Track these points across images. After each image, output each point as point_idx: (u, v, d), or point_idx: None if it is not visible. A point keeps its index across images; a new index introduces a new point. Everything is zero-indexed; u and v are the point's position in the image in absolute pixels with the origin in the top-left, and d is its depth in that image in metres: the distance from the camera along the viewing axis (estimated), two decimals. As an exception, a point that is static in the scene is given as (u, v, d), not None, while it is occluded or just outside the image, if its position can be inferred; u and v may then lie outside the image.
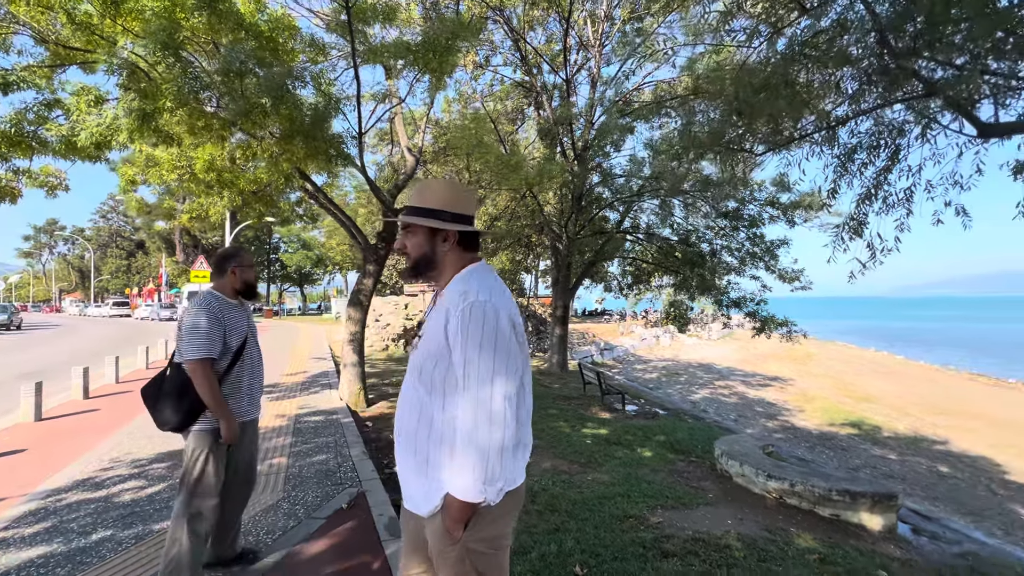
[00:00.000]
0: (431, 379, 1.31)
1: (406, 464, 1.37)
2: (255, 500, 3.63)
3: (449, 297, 1.33)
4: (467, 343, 1.23)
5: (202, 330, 2.35)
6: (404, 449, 1.38)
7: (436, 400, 1.31)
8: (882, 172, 4.31)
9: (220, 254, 2.65)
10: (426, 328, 1.37)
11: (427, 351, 1.32)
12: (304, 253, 46.81)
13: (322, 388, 8.46)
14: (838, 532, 4.18)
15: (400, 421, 1.41)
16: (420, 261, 1.39)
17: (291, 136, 5.25)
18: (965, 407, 16.98)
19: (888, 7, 3.37)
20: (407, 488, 1.39)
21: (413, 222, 1.39)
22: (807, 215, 11.74)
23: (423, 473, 1.32)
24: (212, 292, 2.52)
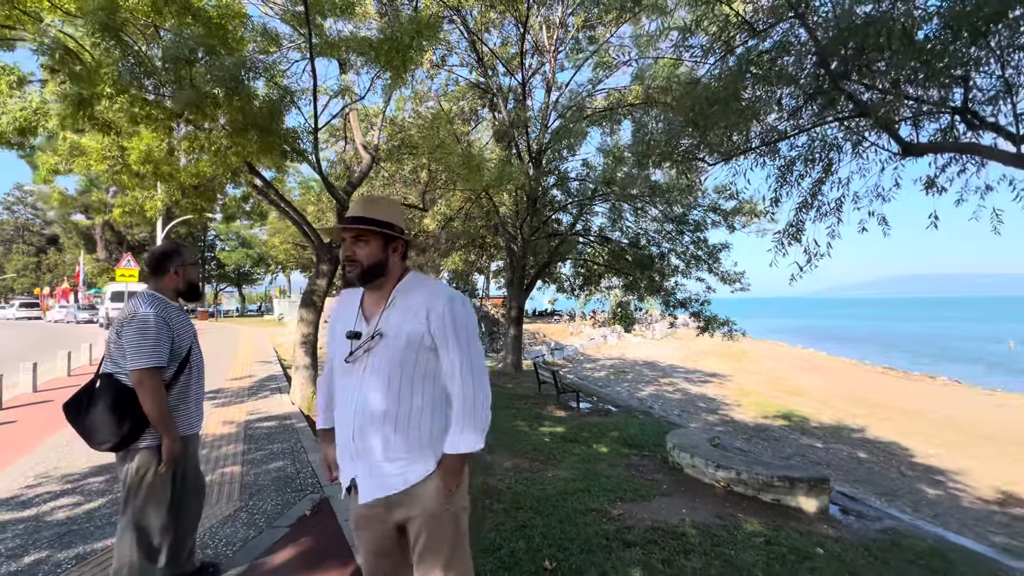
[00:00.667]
0: (414, 369, 1.48)
1: (378, 461, 1.48)
2: (209, 511, 3.45)
3: (418, 298, 1.52)
4: (459, 329, 1.49)
5: (150, 335, 2.13)
6: (377, 447, 1.48)
7: (418, 385, 1.49)
8: (817, 183, 4.71)
9: (160, 252, 2.41)
10: (389, 328, 1.49)
11: (405, 346, 1.47)
12: (244, 251, 44.40)
13: (271, 392, 8.10)
14: (780, 515, 4.52)
15: (365, 416, 1.48)
16: (373, 267, 1.52)
17: (244, 129, 5.01)
18: (879, 398, 18.68)
19: (826, 33, 3.69)
20: (381, 478, 1.48)
21: (376, 231, 1.52)
22: (746, 221, 12.51)
23: (402, 452, 1.48)
24: (153, 294, 2.28)
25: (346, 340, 1.54)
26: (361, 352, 1.50)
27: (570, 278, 16.32)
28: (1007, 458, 11.57)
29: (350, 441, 1.51)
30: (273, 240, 33.47)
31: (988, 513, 8.42)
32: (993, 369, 29.49)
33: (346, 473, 1.55)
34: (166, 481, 2.27)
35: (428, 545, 1.51)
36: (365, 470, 1.50)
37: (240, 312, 50.72)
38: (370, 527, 1.55)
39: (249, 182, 7.81)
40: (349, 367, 1.52)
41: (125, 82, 4.19)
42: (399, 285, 1.56)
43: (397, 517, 1.52)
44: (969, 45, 3.37)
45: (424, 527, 1.50)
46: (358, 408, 1.49)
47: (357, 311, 1.58)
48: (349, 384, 1.53)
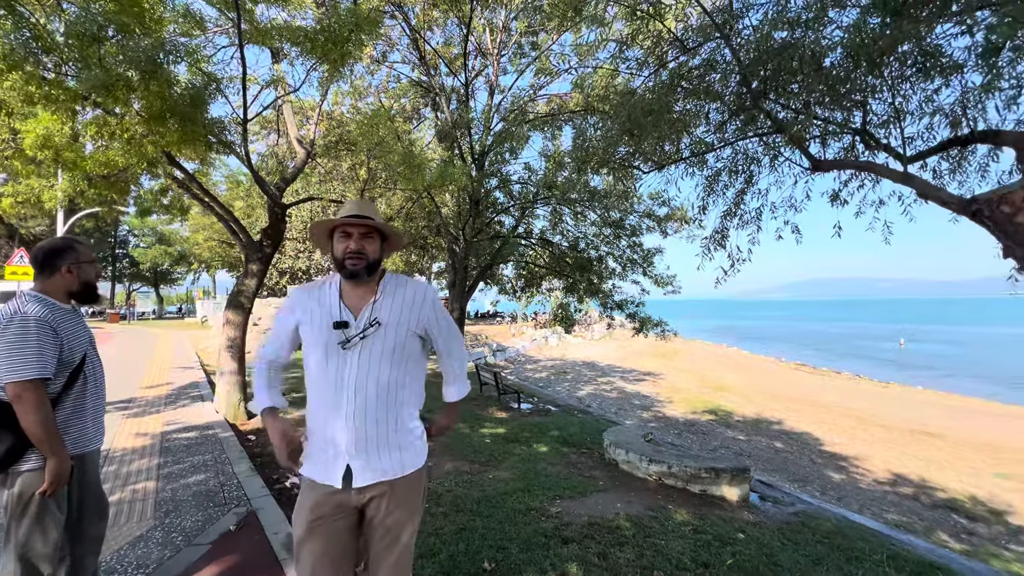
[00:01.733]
0: (410, 352, 1.68)
1: (381, 443, 1.61)
2: (117, 532, 3.16)
3: (408, 292, 1.73)
4: (446, 317, 1.80)
5: (31, 342, 1.86)
6: (380, 428, 1.61)
7: (411, 367, 1.69)
8: (740, 193, 5.05)
9: (48, 248, 2.11)
10: (386, 317, 1.65)
11: (405, 333, 1.66)
12: (161, 248, 40.89)
13: (192, 401, 7.53)
14: (706, 505, 4.80)
15: (372, 406, 1.59)
16: (375, 264, 1.68)
17: (162, 116, 4.63)
18: (793, 392, 20.33)
19: (747, 55, 3.98)
20: (374, 463, 1.60)
21: (390, 232, 1.73)
22: (678, 227, 13.18)
23: (405, 437, 1.67)
24: (38, 295, 2.01)
25: (331, 330, 1.62)
26: (358, 339, 1.61)
27: (512, 280, 16.47)
28: (898, 444, 12.97)
29: (343, 425, 1.57)
30: (196, 237, 31.05)
31: (883, 493, 9.40)
32: (888, 365, 32.96)
33: (335, 462, 1.59)
34: (60, 503, 2.02)
35: (403, 520, 1.64)
36: (364, 453, 1.59)
37: (158, 314, 46.71)
38: (331, 512, 1.59)
39: (168, 174, 7.22)
40: (343, 355, 1.60)
41: (19, 57, 3.74)
42: (386, 279, 1.73)
43: (369, 496, 1.61)
44: (867, 74, 3.76)
45: (404, 505, 1.64)
46: (359, 392, 1.58)
47: (338, 303, 1.67)
48: (341, 371, 1.59)
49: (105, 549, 2.92)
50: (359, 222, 1.64)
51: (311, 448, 1.64)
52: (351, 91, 13.85)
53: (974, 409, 18.11)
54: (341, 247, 1.64)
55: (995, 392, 21.88)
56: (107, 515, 2.38)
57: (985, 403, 19.32)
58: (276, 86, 7.43)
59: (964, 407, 18.46)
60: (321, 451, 1.61)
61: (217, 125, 5.37)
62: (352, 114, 12.71)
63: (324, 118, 10.40)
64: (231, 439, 5.45)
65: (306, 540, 1.59)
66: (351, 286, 1.70)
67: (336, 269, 1.70)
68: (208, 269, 41.46)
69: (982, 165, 3.80)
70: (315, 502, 1.59)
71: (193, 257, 39.14)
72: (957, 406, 18.62)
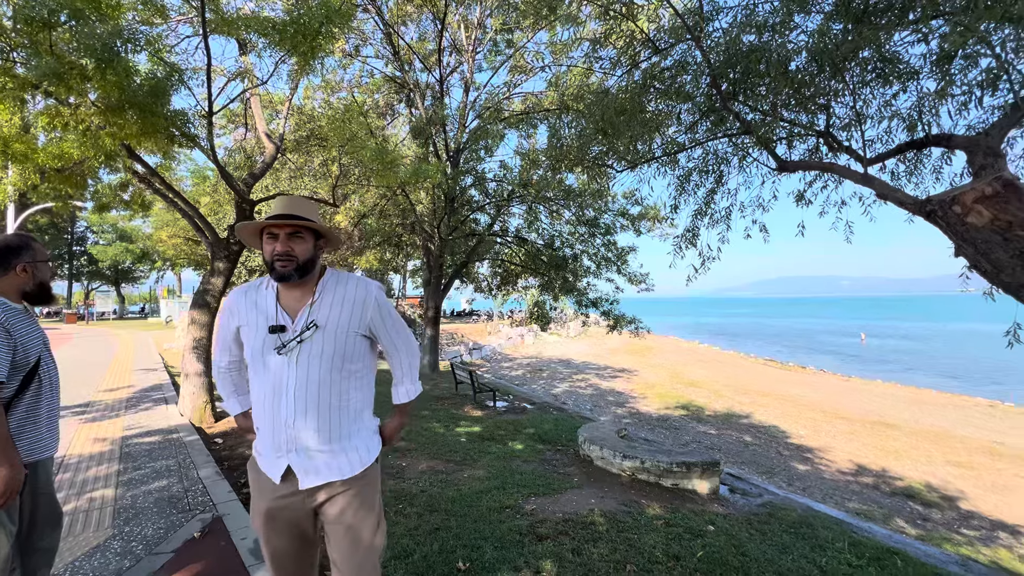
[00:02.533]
0: (353, 354, 1.62)
1: (322, 447, 1.57)
2: (72, 542, 3.02)
3: (349, 291, 1.66)
4: (391, 314, 1.73)
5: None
6: (321, 432, 1.56)
7: (355, 368, 1.63)
8: (710, 193, 5.15)
9: (2, 245, 2.03)
10: (323, 319, 1.60)
11: (345, 334, 1.60)
12: (123, 246, 39.25)
13: (155, 404, 7.25)
14: (678, 498, 4.89)
15: (312, 410, 1.56)
16: (308, 264, 1.61)
17: (120, 107, 4.42)
18: (762, 387, 20.92)
19: (717, 57, 4.06)
20: (319, 466, 1.56)
21: (311, 228, 1.62)
22: (651, 226, 13.39)
23: (348, 439, 1.61)
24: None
25: (267, 334, 1.58)
26: (294, 343, 1.56)
27: (487, 278, 16.44)
28: (859, 435, 13.50)
29: (282, 429, 1.55)
30: (160, 234, 29.85)
31: (845, 483, 9.77)
32: (850, 359, 34.26)
33: (277, 462, 1.58)
34: (12, 514, 1.92)
35: (360, 521, 1.60)
36: (305, 456, 1.56)
37: (119, 314, 44.86)
38: (283, 516, 1.60)
39: (128, 168, 6.93)
40: (280, 359, 1.56)
41: (-40, 42, 3.52)
42: (325, 278, 1.67)
43: (319, 500, 1.59)
44: (830, 78, 3.88)
45: (356, 506, 1.60)
46: (296, 396, 1.55)
47: (275, 306, 1.62)
48: (278, 377, 1.56)
49: (59, 561, 2.80)
50: (284, 222, 1.56)
51: (258, 443, 1.65)
52: (323, 85, 13.57)
53: (929, 400, 19.01)
54: (269, 248, 1.59)
55: (948, 384, 23.02)
56: (61, 525, 2.26)
57: (939, 394, 20.29)
58: (243, 78, 7.21)
59: (920, 399, 19.36)
60: (266, 449, 1.61)
61: (180, 117, 5.16)
62: (324, 109, 12.44)
63: (294, 112, 10.14)
64: (196, 442, 5.27)
65: (264, 544, 1.66)
66: (287, 288, 1.64)
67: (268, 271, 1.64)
68: (173, 267, 40.03)
69: (936, 168, 3.97)
70: (266, 508, 1.60)
71: (157, 255, 37.70)
72: (913, 398, 19.50)
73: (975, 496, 9.14)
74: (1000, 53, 2.96)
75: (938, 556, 4.62)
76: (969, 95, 3.31)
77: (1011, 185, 2.04)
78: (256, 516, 1.64)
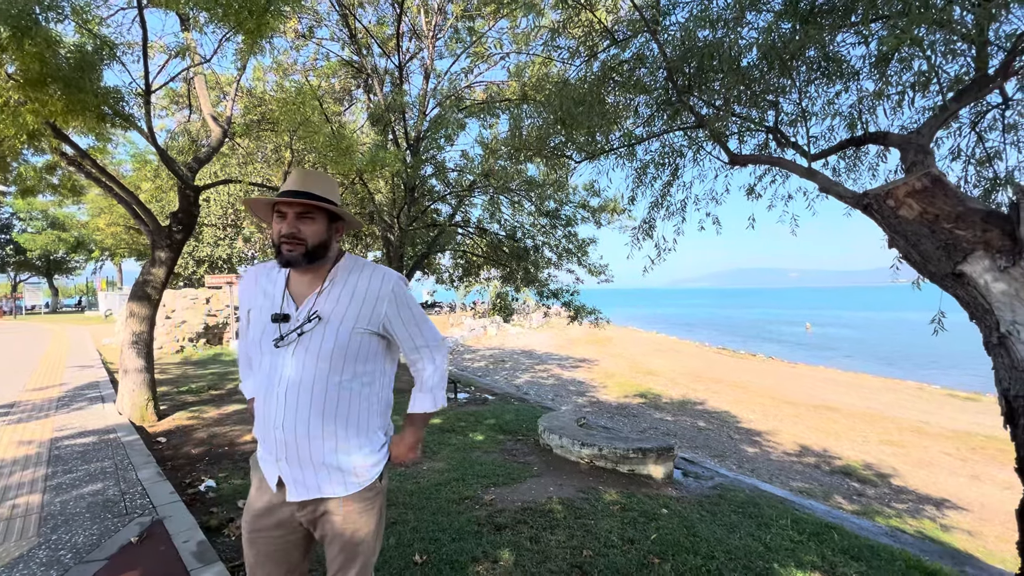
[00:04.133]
0: (357, 352, 1.43)
1: (314, 456, 1.40)
2: (-9, 554, 2.78)
3: (363, 280, 1.47)
4: (410, 308, 1.51)
5: None
6: (314, 440, 1.39)
7: (361, 369, 1.44)
8: (666, 185, 5.25)
9: None
10: (329, 311, 1.42)
11: (350, 329, 1.41)
12: (54, 234, 36.46)
13: (91, 403, 6.79)
14: (634, 484, 5.02)
15: (303, 414, 1.39)
16: (319, 247, 1.44)
17: (42, 81, 4.05)
18: (715, 374, 21.78)
19: (674, 51, 4.12)
20: (308, 478, 1.41)
21: (324, 208, 1.44)
22: (611, 218, 13.59)
23: (345, 453, 1.42)
24: None
25: (269, 323, 1.44)
26: (294, 336, 1.40)
27: (449, 269, 16.27)
28: (803, 418, 14.29)
29: (271, 431, 1.40)
30: (97, 221, 27.84)
31: (790, 463, 10.32)
32: (796, 347, 36.14)
33: (271, 468, 1.44)
34: None
35: (355, 541, 1.45)
36: (296, 465, 1.40)
37: (52, 308, 41.80)
38: (273, 526, 1.46)
39: (55, 148, 6.40)
40: (277, 351, 1.42)
41: None
42: (340, 265, 1.49)
43: (313, 514, 1.45)
44: (779, 76, 4.02)
45: (352, 525, 1.44)
46: (290, 396, 1.38)
47: (283, 292, 1.47)
48: (275, 372, 1.41)
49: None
50: (294, 200, 1.39)
51: (260, 451, 1.51)
52: (275, 67, 12.95)
53: (866, 384, 20.33)
54: (277, 228, 1.43)
55: (883, 369, 24.70)
56: None
57: (874, 379, 21.73)
58: (185, 56, 6.76)
59: (858, 383, 20.67)
60: (263, 449, 1.47)
61: (112, 95, 4.80)
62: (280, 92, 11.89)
63: (243, 94, 9.64)
64: (136, 442, 4.98)
65: (247, 547, 1.49)
66: (298, 272, 1.49)
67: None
68: (112, 257, 37.51)
69: (872, 165, 4.20)
70: (257, 511, 1.46)
71: (94, 244, 35.25)
72: (852, 382, 20.80)
73: (905, 472, 9.86)
74: (931, 56, 3.13)
75: (871, 529, 4.95)
76: (903, 96, 3.50)
77: (939, 181, 2.16)
78: (246, 513, 1.50)
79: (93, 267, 44.27)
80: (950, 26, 2.95)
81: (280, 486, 1.43)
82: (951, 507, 8.06)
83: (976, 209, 2.07)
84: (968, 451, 11.20)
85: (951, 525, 7.27)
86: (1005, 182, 3.52)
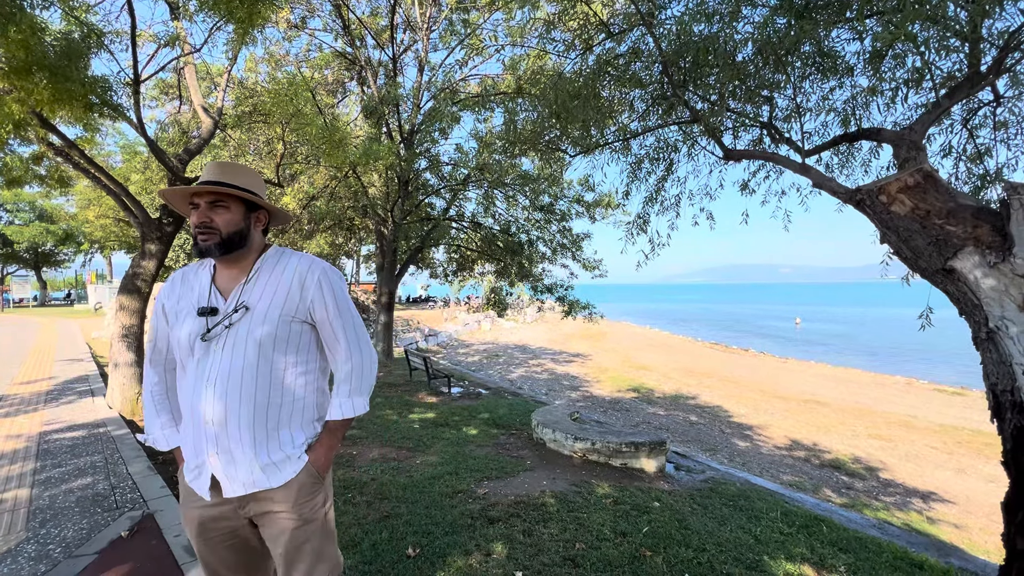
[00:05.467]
0: (287, 343, 1.40)
1: (246, 448, 1.35)
2: (-21, 549, 2.75)
3: (288, 269, 1.44)
4: (338, 295, 1.46)
5: None
6: (244, 431, 1.35)
7: (291, 359, 1.41)
8: (661, 180, 5.25)
9: None
10: (255, 301, 1.39)
11: (277, 319, 1.38)
12: (42, 226, 35.94)
13: (80, 396, 6.73)
14: (626, 477, 5.05)
15: (234, 405, 1.34)
16: (234, 237, 1.41)
17: (27, 69, 3.97)
18: (708, 369, 21.93)
19: (669, 45, 4.10)
20: (242, 473, 1.35)
21: (237, 196, 1.41)
22: (605, 213, 13.60)
23: (276, 444, 1.39)
24: None
25: (196, 318, 1.39)
26: (221, 328, 1.36)
27: (443, 264, 16.23)
28: (793, 413, 14.43)
29: (202, 428, 1.35)
30: (86, 213, 27.42)
31: (780, 457, 10.43)
32: (787, 342, 36.45)
33: (201, 467, 1.38)
34: None
35: (294, 540, 1.39)
36: (229, 461, 1.35)
37: (40, 301, 41.29)
38: (218, 527, 1.41)
39: (42, 139, 6.29)
40: (204, 346, 1.37)
41: None
42: (266, 255, 1.46)
43: (253, 511, 1.39)
44: (774, 71, 4.02)
45: (290, 522, 1.38)
46: (219, 388, 1.34)
47: (210, 287, 1.43)
48: (204, 365, 1.36)
49: (-39, 569, 2.55)
50: (205, 188, 1.36)
51: (184, 451, 1.45)
52: (267, 58, 12.79)
53: (855, 379, 20.55)
54: (192, 220, 1.40)
55: (872, 364, 24.97)
56: None
57: (863, 374, 21.97)
58: (175, 45, 6.65)
59: (848, 378, 20.89)
60: (190, 456, 1.41)
61: (100, 84, 4.71)
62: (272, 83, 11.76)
63: (235, 85, 9.51)
64: (126, 436, 4.94)
65: (200, 558, 1.46)
66: (223, 265, 1.45)
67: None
68: (102, 250, 37.05)
69: (865, 161, 4.22)
70: (198, 517, 1.40)
71: (83, 236, 34.78)
72: (842, 377, 21.02)
73: (892, 466, 10.00)
74: (925, 52, 3.14)
75: (859, 521, 5.01)
76: (897, 92, 3.51)
77: (930, 177, 2.17)
78: (187, 527, 1.45)
79: (82, 260, 43.73)
80: (944, 22, 2.96)
81: (214, 487, 1.37)
82: (937, 500, 8.18)
83: (967, 205, 2.09)
84: (954, 445, 11.37)
85: (937, 518, 7.39)
86: (995, 178, 3.55)
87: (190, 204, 1.41)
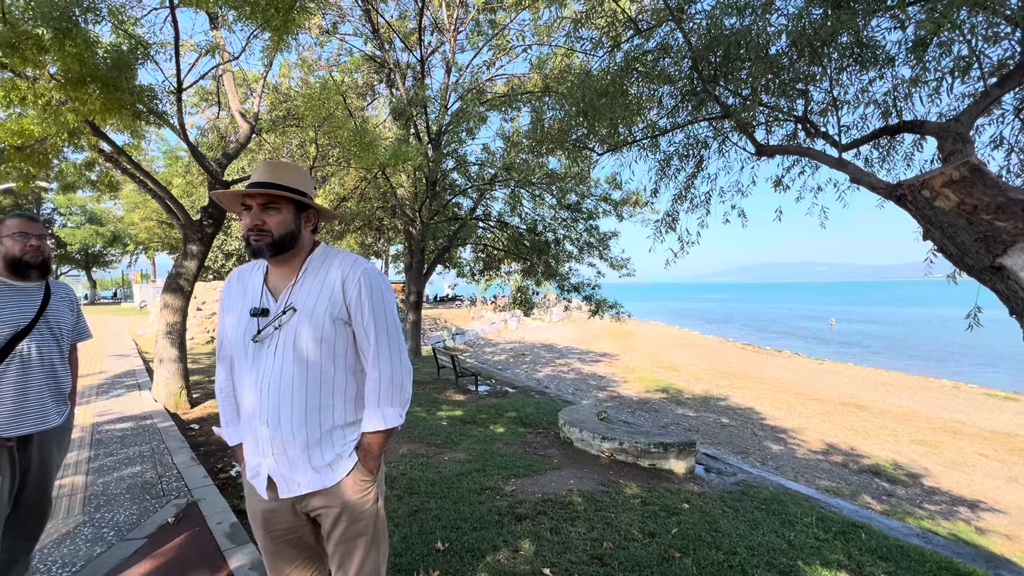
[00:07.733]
0: (334, 344, 1.40)
1: (299, 449, 1.38)
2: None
3: (333, 269, 1.43)
4: (375, 299, 1.41)
5: None
6: (298, 433, 1.38)
7: (340, 363, 1.41)
8: (690, 177, 5.17)
9: None
10: (302, 302, 1.40)
11: (323, 321, 1.38)
12: (92, 228, 37.92)
13: (128, 390, 7.09)
14: (655, 478, 5.00)
15: (286, 408, 1.37)
16: (285, 238, 1.41)
17: (82, 81, 4.22)
18: (739, 370, 21.41)
19: (699, 40, 4.03)
20: (297, 474, 1.39)
21: (288, 197, 1.42)
22: (633, 211, 13.44)
23: (329, 444, 1.40)
24: None
25: (250, 319, 1.42)
26: (271, 330, 1.39)
27: (470, 263, 16.36)
28: (830, 416, 13.94)
29: (264, 427, 1.38)
30: (132, 216, 28.81)
31: (816, 461, 10.11)
32: (822, 343, 35.23)
33: (258, 467, 1.42)
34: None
35: (348, 534, 1.43)
36: (283, 462, 1.38)
37: (91, 299, 43.57)
38: (278, 522, 1.45)
39: (94, 146, 6.65)
40: (257, 347, 1.40)
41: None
42: (313, 256, 1.47)
43: (311, 507, 1.43)
44: (809, 64, 3.90)
45: (344, 517, 1.42)
46: (272, 390, 1.37)
47: (261, 288, 1.46)
48: (258, 366, 1.40)
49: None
50: (257, 191, 1.38)
51: (245, 449, 1.49)
52: (299, 63, 13.17)
53: (897, 382, 19.70)
54: (244, 221, 1.41)
55: (915, 367, 23.88)
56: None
57: (906, 376, 21.04)
58: (215, 53, 6.93)
59: (888, 381, 20.05)
60: (250, 455, 1.46)
61: (147, 93, 4.96)
62: (305, 88, 12.11)
63: (269, 91, 9.83)
64: (171, 428, 5.18)
65: (263, 551, 1.51)
66: (275, 265, 1.47)
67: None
68: (146, 251, 38.83)
69: (907, 155, 4.04)
70: (261, 513, 1.45)
71: (129, 238, 36.51)
72: (882, 380, 20.18)
73: (937, 473, 9.55)
74: (972, 40, 3.00)
75: (901, 529, 4.82)
76: (941, 82, 3.36)
77: (978, 170, 2.08)
78: (251, 520, 1.50)
79: (128, 260, 45.96)
80: (993, 7, 2.82)
81: (271, 488, 1.41)
82: (987, 510, 7.78)
83: (1018, 200, 1.99)
84: (1007, 453, 10.77)
85: (987, 528, 7.03)
86: (1051, 171, 3.36)
87: (242, 205, 1.44)
